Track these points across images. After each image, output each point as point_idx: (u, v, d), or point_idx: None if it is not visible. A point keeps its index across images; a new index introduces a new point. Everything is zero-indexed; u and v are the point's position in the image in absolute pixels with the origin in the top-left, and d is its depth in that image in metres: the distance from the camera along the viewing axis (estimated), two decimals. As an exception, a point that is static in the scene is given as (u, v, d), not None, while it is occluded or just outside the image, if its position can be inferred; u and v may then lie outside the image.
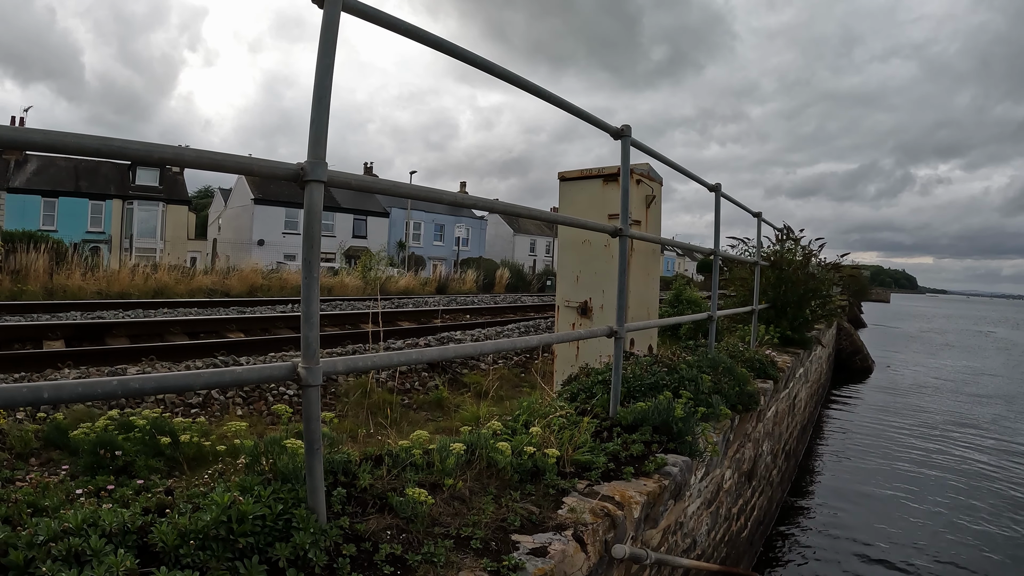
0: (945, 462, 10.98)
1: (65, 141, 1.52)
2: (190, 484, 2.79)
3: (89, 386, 1.57)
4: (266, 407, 6.39)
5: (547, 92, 3.10)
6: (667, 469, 3.31)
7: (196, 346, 9.51)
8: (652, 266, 6.72)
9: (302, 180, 1.87)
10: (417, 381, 7.96)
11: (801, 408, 10.17)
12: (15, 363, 7.46)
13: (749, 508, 6.11)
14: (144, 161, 1.68)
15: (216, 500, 1.89)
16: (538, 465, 2.90)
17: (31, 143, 1.47)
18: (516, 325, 13.56)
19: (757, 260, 8.15)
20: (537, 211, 3.25)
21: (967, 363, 27.34)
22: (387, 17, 2.19)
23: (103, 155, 1.60)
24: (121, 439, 4.02)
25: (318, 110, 1.92)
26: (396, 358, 2.35)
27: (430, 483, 2.54)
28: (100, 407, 5.11)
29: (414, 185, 2.37)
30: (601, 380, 4.32)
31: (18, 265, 18.52)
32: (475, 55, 2.58)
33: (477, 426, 3.23)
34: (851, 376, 20.68)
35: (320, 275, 1.94)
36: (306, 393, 1.91)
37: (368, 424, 4.88)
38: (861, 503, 8.91)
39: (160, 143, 1.68)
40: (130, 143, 1.60)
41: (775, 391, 6.64)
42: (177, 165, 1.76)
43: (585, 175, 6.46)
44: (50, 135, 1.49)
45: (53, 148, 1.53)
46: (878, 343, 30.46)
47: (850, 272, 16.63)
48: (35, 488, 2.97)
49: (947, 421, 14.26)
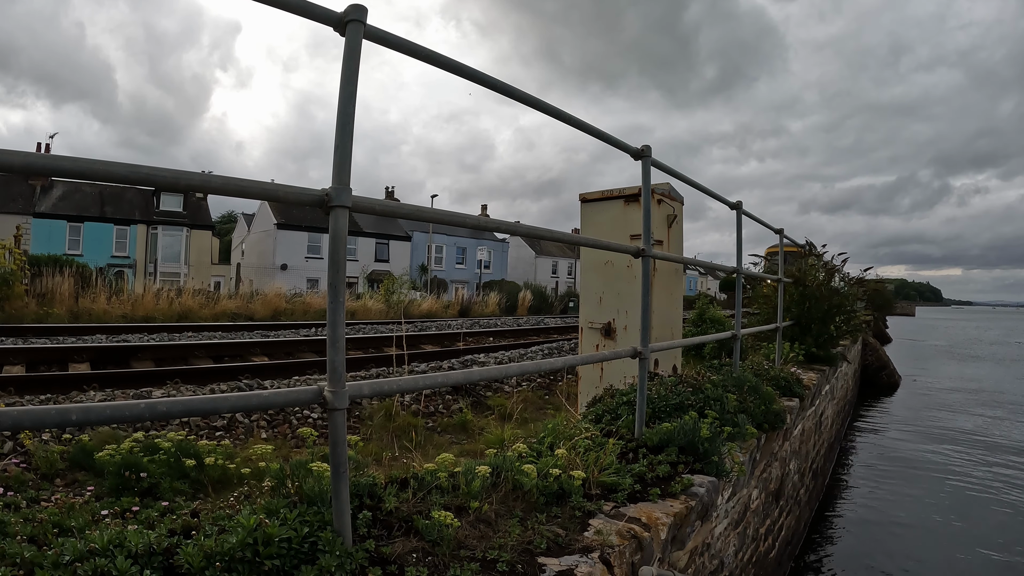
0: (976, 484, 10.71)
1: (94, 168, 1.54)
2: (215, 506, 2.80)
3: (117, 409, 1.58)
4: (290, 430, 6.41)
5: (566, 114, 3.11)
6: (694, 490, 3.28)
7: (220, 369, 9.58)
8: (675, 286, 6.69)
9: (327, 206, 1.88)
10: (441, 404, 7.96)
11: (828, 426, 10.03)
12: (42, 385, 7.55)
13: (777, 528, 6.02)
14: (172, 188, 1.71)
15: (242, 522, 1.90)
16: (564, 487, 2.88)
17: (61, 170, 1.50)
18: (539, 347, 13.52)
19: (780, 277, 8.09)
20: (559, 233, 3.25)
21: (995, 376, 26.83)
22: (407, 44, 2.22)
23: (131, 182, 1.63)
24: (146, 461, 4.06)
25: (342, 136, 1.94)
26: (421, 381, 2.36)
27: (456, 506, 2.54)
28: (125, 429, 5.16)
29: (436, 209, 2.39)
30: (626, 401, 4.30)
31: (44, 289, 18.86)
32: (494, 79, 2.60)
33: (502, 449, 3.22)
34: (878, 392, 20.39)
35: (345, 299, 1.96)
36: (332, 417, 1.92)
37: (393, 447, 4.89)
38: (891, 525, 8.73)
39: (187, 170, 1.71)
40: (158, 170, 1.63)
41: (801, 409, 6.56)
42: (204, 192, 1.78)
43: (606, 196, 6.46)
44: (79, 162, 1.51)
45: (83, 175, 1.55)
46: (904, 357, 29.99)
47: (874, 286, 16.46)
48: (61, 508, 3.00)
49: (979, 440, 13.93)
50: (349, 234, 1.94)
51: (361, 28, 2.00)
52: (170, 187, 1.69)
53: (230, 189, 1.81)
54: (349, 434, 2.04)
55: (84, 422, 1.54)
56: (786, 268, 8.79)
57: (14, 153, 1.41)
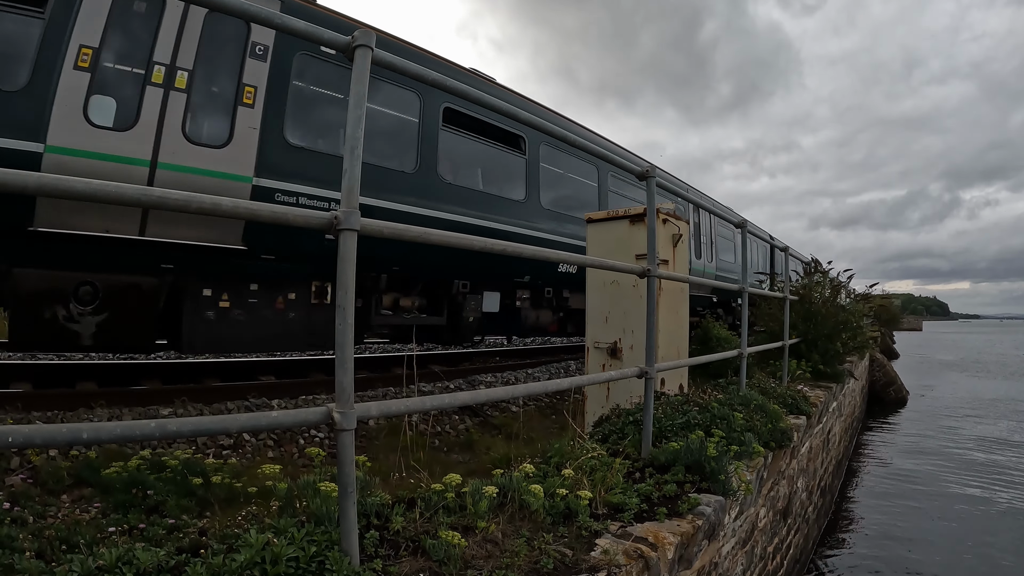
0: (987, 501, 10.61)
1: (107, 191, 1.57)
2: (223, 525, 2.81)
3: (128, 428, 1.60)
4: (297, 449, 6.41)
5: (571, 138, 3.15)
6: (701, 509, 3.27)
7: (228, 388, 9.57)
8: (680, 305, 6.70)
9: (336, 229, 1.91)
10: (448, 424, 7.96)
11: (835, 443, 9.98)
12: (48, 402, 7.56)
13: (785, 547, 5.99)
14: (183, 211, 1.73)
15: (250, 541, 1.91)
16: (571, 507, 2.88)
17: (75, 192, 1.52)
18: (546, 367, 13.50)
19: (786, 295, 8.09)
20: (564, 254, 3.28)
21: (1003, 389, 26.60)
22: (414, 69, 2.26)
23: (143, 205, 1.65)
24: (153, 479, 4.07)
25: (351, 160, 1.97)
26: (429, 402, 2.37)
27: (463, 526, 2.54)
28: (132, 447, 5.17)
29: (443, 232, 2.41)
30: (632, 420, 4.30)
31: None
32: (500, 103, 2.64)
33: (509, 468, 3.23)
34: (885, 408, 20.25)
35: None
36: (340, 437, 1.93)
37: (400, 467, 4.88)
38: (901, 542, 8.65)
39: (198, 194, 1.73)
40: (169, 193, 1.66)
41: (808, 427, 6.54)
42: (215, 215, 1.79)
43: (612, 216, 6.49)
44: (92, 185, 1.54)
45: (95, 197, 1.57)
46: (912, 373, 29.82)
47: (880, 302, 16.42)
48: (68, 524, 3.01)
49: (989, 456, 13.81)
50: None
51: (369, 54, 2.04)
52: (181, 210, 1.71)
53: (240, 213, 1.84)
54: (356, 453, 2.05)
55: (95, 441, 1.55)
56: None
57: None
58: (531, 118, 2.86)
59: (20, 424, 5.52)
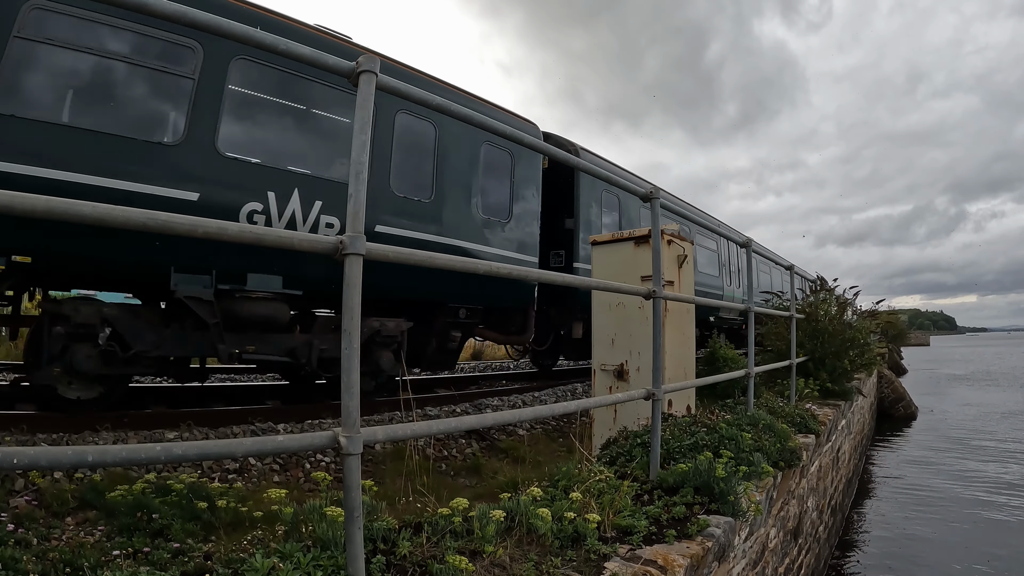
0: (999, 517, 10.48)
1: (113, 215, 1.57)
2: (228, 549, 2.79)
3: (133, 451, 1.59)
4: (303, 473, 6.39)
5: (573, 159, 3.16)
6: (710, 531, 3.24)
7: (233, 412, 9.56)
8: (687, 325, 6.69)
9: (341, 253, 1.91)
10: (455, 448, 7.93)
11: (845, 461, 9.90)
12: (53, 424, 7.56)
13: (796, 567, 5.92)
14: (190, 235, 1.72)
15: (256, 566, 1.90)
16: (579, 530, 2.86)
17: (81, 216, 1.52)
18: (552, 390, 13.45)
19: (792, 314, 8.06)
20: (569, 276, 3.28)
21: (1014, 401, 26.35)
22: (418, 94, 2.27)
23: (150, 229, 1.65)
24: (158, 502, 4.05)
25: (356, 184, 1.98)
26: (435, 426, 2.36)
27: (470, 550, 2.52)
28: (137, 470, 5.15)
29: (448, 256, 2.41)
30: (640, 443, 4.28)
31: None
32: (503, 127, 2.66)
33: (516, 492, 3.21)
34: (894, 424, 20.12)
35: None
36: (347, 462, 1.92)
37: (406, 491, 4.86)
38: (913, 560, 8.54)
39: (203, 218, 1.74)
40: (175, 218, 1.67)
41: (817, 445, 6.49)
42: (221, 239, 1.78)
43: (616, 238, 6.50)
44: (98, 208, 1.54)
45: (102, 222, 1.57)
46: (921, 388, 29.59)
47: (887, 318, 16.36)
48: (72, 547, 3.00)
49: (1000, 472, 13.64)
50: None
51: (373, 79, 2.05)
52: (188, 234, 1.71)
53: (246, 237, 1.84)
54: (362, 478, 2.04)
55: (101, 464, 1.55)
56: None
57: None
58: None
59: (25, 446, 5.51)
